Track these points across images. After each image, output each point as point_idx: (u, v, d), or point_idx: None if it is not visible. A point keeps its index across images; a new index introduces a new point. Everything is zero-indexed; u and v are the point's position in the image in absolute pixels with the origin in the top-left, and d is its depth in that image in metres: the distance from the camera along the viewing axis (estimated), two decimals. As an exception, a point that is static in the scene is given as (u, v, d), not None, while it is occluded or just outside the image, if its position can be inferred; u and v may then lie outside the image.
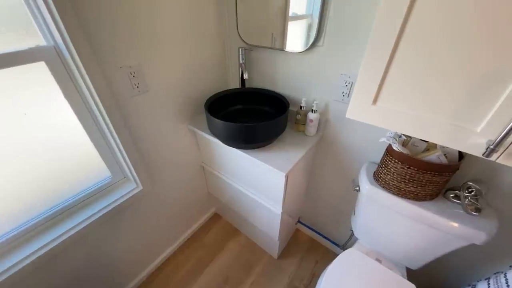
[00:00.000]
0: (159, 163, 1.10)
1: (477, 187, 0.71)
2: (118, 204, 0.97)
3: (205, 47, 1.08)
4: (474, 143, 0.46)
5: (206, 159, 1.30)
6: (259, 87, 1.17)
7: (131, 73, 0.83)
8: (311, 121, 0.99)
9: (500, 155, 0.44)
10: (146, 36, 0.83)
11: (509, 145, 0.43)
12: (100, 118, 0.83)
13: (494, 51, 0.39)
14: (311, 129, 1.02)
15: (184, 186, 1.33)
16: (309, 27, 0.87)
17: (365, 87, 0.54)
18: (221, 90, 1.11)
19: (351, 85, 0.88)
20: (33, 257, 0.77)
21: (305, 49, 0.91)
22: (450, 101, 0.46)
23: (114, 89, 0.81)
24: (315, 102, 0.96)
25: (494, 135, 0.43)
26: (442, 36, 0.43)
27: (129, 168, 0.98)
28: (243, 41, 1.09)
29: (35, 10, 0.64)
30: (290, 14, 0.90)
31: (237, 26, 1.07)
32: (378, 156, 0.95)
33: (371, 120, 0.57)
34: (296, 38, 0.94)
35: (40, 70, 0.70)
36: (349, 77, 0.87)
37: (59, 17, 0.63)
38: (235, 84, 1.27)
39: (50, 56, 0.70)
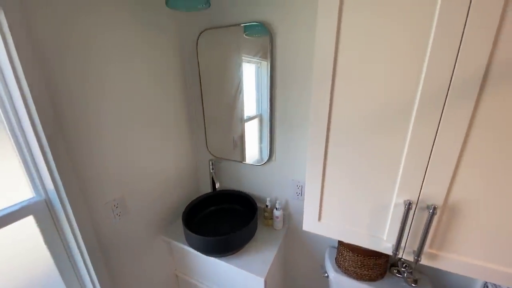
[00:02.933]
0: (132, 284, 1.07)
1: (408, 260, 0.93)
2: None
3: (181, 162, 1.27)
4: (385, 247, 0.69)
5: (181, 267, 1.29)
6: (228, 188, 1.36)
7: (114, 205, 0.93)
8: (277, 217, 1.17)
9: (403, 253, 0.67)
10: (132, 171, 0.98)
11: (404, 248, 0.66)
12: (80, 262, 0.85)
13: (374, 194, 0.67)
14: (278, 224, 1.19)
15: (158, 301, 1.24)
16: (260, 123, 1.14)
17: (311, 209, 0.77)
18: (194, 197, 1.25)
19: (302, 187, 1.13)
20: None
21: (262, 163, 1.18)
22: (364, 219, 0.70)
23: (97, 227, 0.88)
24: (277, 201, 1.17)
25: (394, 241, 0.66)
26: (350, 175, 0.70)
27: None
28: (212, 154, 1.32)
29: (31, 166, 0.74)
30: (245, 117, 1.19)
31: (206, 143, 1.32)
32: (335, 241, 1.14)
33: (320, 231, 0.78)
34: (254, 155, 1.21)
35: (25, 225, 0.74)
36: (299, 181, 1.13)
37: (56, 170, 0.73)
38: (206, 188, 1.44)
39: (39, 210, 0.76)
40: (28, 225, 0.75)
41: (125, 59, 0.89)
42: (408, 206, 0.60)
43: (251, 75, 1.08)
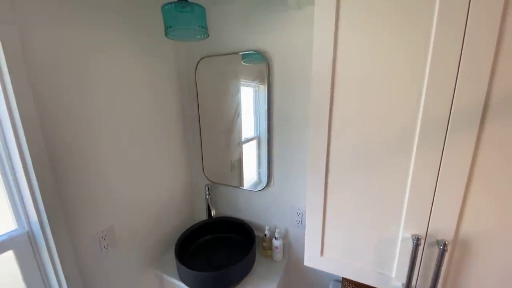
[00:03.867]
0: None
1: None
2: None
3: (175, 188, 1.23)
4: (395, 285, 0.63)
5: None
6: (225, 215, 1.30)
7: (102, 237, 0.87)
8: (277, 248, 1.10)
9: (414, 293, 0.61)
10: (123, 200, 0.94)
11: (415, 287, 0.60)
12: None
13: (379, 227, 0.62)
14: (278, 254, 1.11)
15: None
16: (258, 146, 1.12)
17: (312, 243, 0.72)
18: (189, 225, 1.19)
19: (302, 215, 1.08)
20: None
21: (260, 189, 1.14)
22: (370, 254, 0.65)
23: (83, 261, 0.81)
24: (277, 230, 1.11)
25: (404, 279, 0.61)
26: (353, 207, 0.66)
27: None
28: (209, 179, 1.28)
29: (15, 194, 0.70)
30: (243, 139, 1.16)
31: (203, 167, 1.29)
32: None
33: (323, 267, 0.72)
34: (252, 180, 1.18)
35: (2, 260, 0.69)
36: (299, 208, 1.08)
37: (41, 198, 0.68)
38: (202, 214, 1.37)
39: (20, 243, 0.71)
40: (7, 260, 0.69)
41: (121, 86, 0.90)
42: (417, 241, 0.56)
43: (249, 98, 1.09)
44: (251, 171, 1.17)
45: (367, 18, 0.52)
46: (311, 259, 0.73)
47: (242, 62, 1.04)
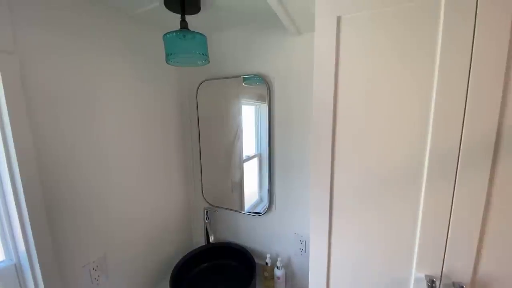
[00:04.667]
0: None
1: None
2: None
3: (172, 212, 1.18)
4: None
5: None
6: (224, 240, 1.24)
7: (93, 268, 0.82)
8: (279, 278, 1.03)
9: None
10: (117, 226, 0.90)
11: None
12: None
13: (389, 266, 0.58)
14: (280, 285, 1.04)
15: None
16: (260, 166, 1.08)
17: (317, 280, 0.66)
18: (186, 251, 1.13)
19: (305, 242, 1.02)
20: None
21: (261, 214, 1.09)
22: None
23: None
24: (279, 258, 1.04)
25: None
26: (361, 245, 0.61)
27: None
28: (208, 202, 1.24)
29: (5, 227, 0.67)
30: (244, 157, 1.13)
31: (202, 190, 1.25)
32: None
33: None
34: (253, 204, 1.13)
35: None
36: (302, 236, 1.03)
37: (31, 232, 0.65)
38: (200, 239, 1.31)
39: (6, 277, 0.67)
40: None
41: (120, 108, 0.89)
42: (431, 284, 0.51)
43: (250, 117, 1.09)
44: (252, 191, 1.13)
45: (368, 47, 0.51)
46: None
47: (243, 84, 1.04)
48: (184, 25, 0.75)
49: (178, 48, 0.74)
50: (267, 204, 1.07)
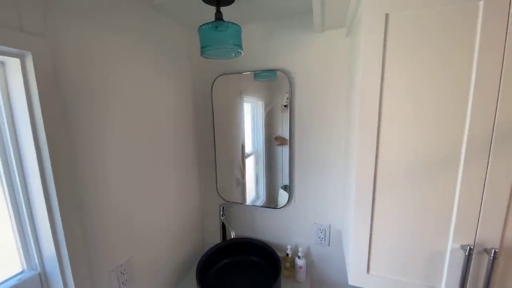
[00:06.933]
0: None
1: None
2: None
3: (187, 211, 1.15)
4: (446, 299, 0.64)
5: None
6: (241, 236, 1.23)
7: (121, 271, 0.77)
8: (300, 267, 1.07)
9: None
10: (141, 227, 0.85)
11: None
12: None
13: (428, 238, 0.64)
14: (302, 275, 1.07)
15: None
16: (282, 155, 1.11)
17: (358, 260, 0.71)
18: (201, 249, 1.10)
19: (325, 231, 1.07)
20: None
21: (280, 206, 1.12)
22: (419, 268, 0.66)
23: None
24: (300, 248, 1.07)
25: (455, 290, 0.62)
26: (402, 221, 0.67)
27: None
28: (223, 199, 1.23)
29: (28, 232, 0.61)
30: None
31: (216, 186, 1.23)
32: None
33: (370, 286, 0.71)
34: (271, 197, 1.15)
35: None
36: (321, 225, 1.07)
37: (64, 237, 0.60)
38: (213, 237, 1.28)
39: (30, 289, 0.60)
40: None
41: (145, 105, 0.85)
42: (469, 251, 0.58)
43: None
44: (269, 187, 1.15)
45: (413, 44, 0.56)
46: (357, 277, 0.72)
47: (261, 80, 1.05)
48: (219, 16, 0.74)
49: (213, 40, 0.73)
50: (287, 197, 1.10)
